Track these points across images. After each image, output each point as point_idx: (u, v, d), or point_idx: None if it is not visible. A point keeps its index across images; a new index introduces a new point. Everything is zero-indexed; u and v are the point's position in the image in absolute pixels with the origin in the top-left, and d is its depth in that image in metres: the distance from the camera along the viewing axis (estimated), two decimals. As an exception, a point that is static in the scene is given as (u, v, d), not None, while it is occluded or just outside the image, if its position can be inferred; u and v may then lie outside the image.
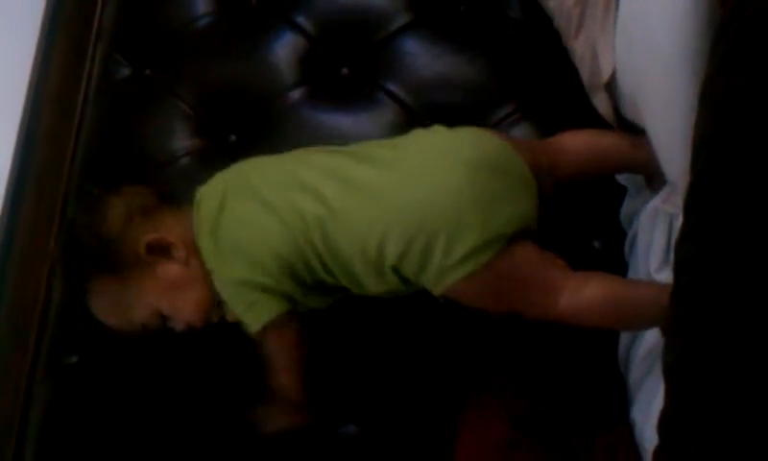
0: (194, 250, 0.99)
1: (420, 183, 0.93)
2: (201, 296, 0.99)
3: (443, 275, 0.91)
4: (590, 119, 1.08)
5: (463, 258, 0.90)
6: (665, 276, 0.95)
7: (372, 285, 0.96)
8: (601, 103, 1.07)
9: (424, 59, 1.20)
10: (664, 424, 0.70)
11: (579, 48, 1.09)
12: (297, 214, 0.94)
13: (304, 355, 0.99)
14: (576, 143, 1.03)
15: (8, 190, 1.26)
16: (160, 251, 0.99)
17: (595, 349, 1.04)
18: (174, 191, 1.08)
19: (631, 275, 1.06)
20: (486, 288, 0.92)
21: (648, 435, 0.94)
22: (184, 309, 1.00)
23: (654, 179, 1.02)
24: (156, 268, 0.99)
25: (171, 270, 0.99)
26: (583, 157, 1.03)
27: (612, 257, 1.09)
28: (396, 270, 0.93)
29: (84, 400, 1.10)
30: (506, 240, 0.91)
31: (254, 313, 0.96)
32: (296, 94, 1.20)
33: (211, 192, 1.00)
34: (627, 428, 0.98)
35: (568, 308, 0.92)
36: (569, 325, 0.93)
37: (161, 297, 0.99)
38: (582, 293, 0.92)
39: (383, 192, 0.93)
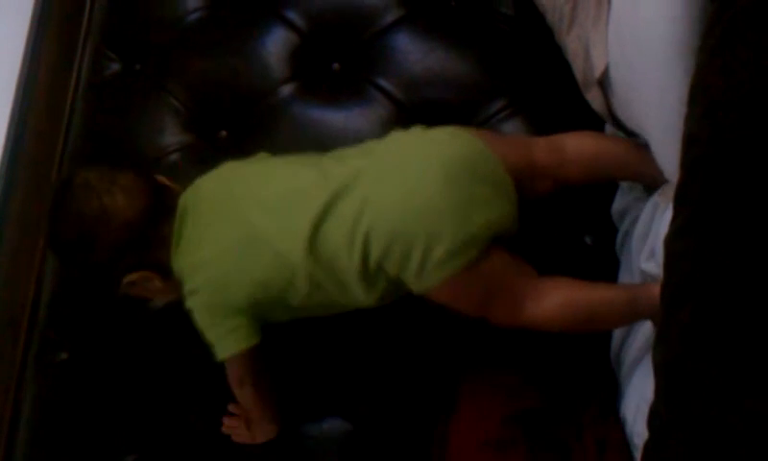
0: (169, 271, 0.99)
1: (397, 188, 0.93)
2: (168, 298, 1.03)
3: (421, 278, 0.92)
4: (582, 114, 1.08)
5: (441, 261, 0.91)
6: (651, 266, 0.95)
7: (362, 293, 0.95)
8: (595, 99, 1.07)
9: (416, 54, 1.20)
10: (654, 418, 0.70)
11: (571, 44, 1.09)
12: (288, 234, 0.94)
13: (266, 375, 1.01)
14: (582, 150, 1.03)
15: (-3, 186, 1.26)
16: (138, 282, 1.00)
17: (585, 344, 1.04)
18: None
19: (622, 271, 1.06)
20: (460, 291, 0.93)
21: (638, 430, 0.94)
22: (156, 299, 1.06)
23: (655, 183, 1.02)
24: (130, 288, 1.00)
25: (144, 289, 1.01)
26: (588, 165, 1.02)
27: (604, 253, 1.09)
28: (380, 269, 0.93)
29: (74, 397, 1.09)
30: (482, 245, 0.92)
31: (222, 344, 0.98)
32: (286, 90, 1.20)
33: (194, 208, 0.99)
34: (617, 424, 0.98)
35: (533, 315, 0.94)
36: (537, 330, 0.95)
37: (135, 294, 1.02)
38: (544, 302, 0.93)
39: (361, 196, 0.93)
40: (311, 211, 0.93)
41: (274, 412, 1.03)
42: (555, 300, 0.94)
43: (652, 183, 1.00)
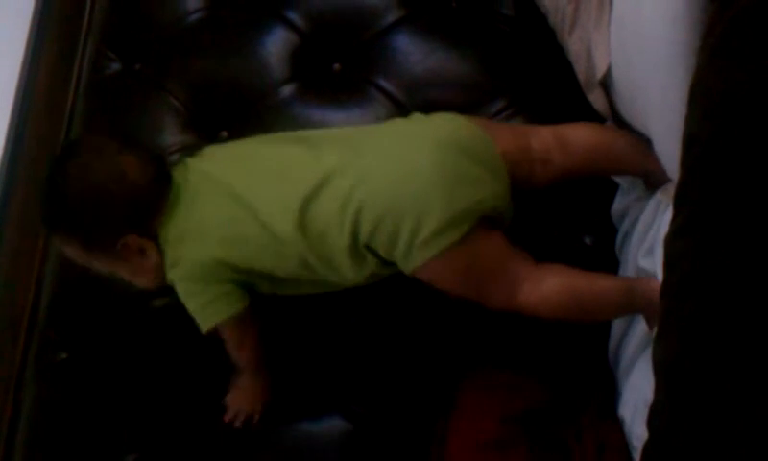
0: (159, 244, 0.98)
1: (387, 165, 0.94)
2: (158, 277, 1.00)
3: (411, 254, 0.93)
4: (583, 115, 1.09)
5: (428, 239, 0.92)
6: (648, 263, 0.95)
7: (350, 271, 0.96)
8: (597, 99, 1.07)
9: (416, 55, 1.20)
10: (654, 418, 0.70)
11: (573, 45, 1.09)
12: (277, 208, 0.95)
13: (257, 342, 1.00)
14: (585, 139, 1.03)
15: (-2, 186, 1.26)
16: (133, 248, 0.98)
17: (584, 344, 1.04)
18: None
19: (621, 272, 1.06)
20: (452, 270, 0.94)
21: (636, 431, 0.94)
22: (140, 282, 1.01)
23: (656, 182, 1.02)
24: (123, 257, 0.98)
25: (135, 262, 0.98)
26: (589, 156, 1.03)
27: (603, 254, 1.09)
28: (369, 248, 0.94)
29: (74, 396, 1.09)
30: (472, 222, 0.93)
31: (204, 313, 0.97)
32: (287, 90, 1.20)
33: (183, 183, 0.99)
34: (616, 424, 0.98)
35: (528, 299, 0.94)
36: (531, 316, 0.95)
37: (121, 271, 1.00)
38: (541, 285, 0.94)
39: (354, 174, 0.94)
40: (303, 187, 0.94)
41: (265, 379, 1.02)
42: (552, 284, 0.94)
43: (654, 181, 1.00)
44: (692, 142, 0.71)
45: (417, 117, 1.02)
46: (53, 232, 1.03)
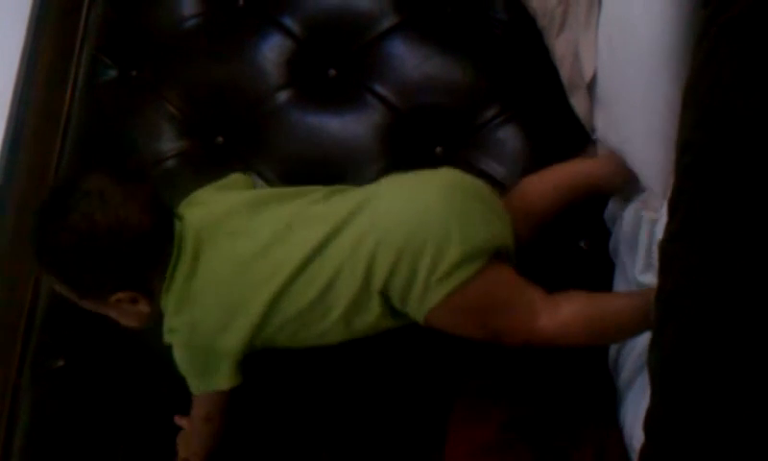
0: (157, 297, 0.97)
1: (402, 206, 0.94)
2: (145, 323, 0.99)
3: (428, 292, 0.91)
4: (576, 119, 1.09)
5: (447, 273, 0.90)
6: (649, 278, 0.95)
7: (356, 321, 0.95)
8: (579, 103, 1.07)
9: (411, 60, 1.21)
10: (650, 423, 0.70)
11: (560, 48, 1.10)
12: (278, 266, 0.94)
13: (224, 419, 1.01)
14: (543, 188, 1.04)
15: (-7, 192, 1.27)
16: (125, 300, 0.96)
17: (584, 350, 1.04)
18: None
19: (617, 275, 1.06)
20: (469, 308, 0.93)
21: (637, 436, 0.94)
22: (126, 323, 1.00)
23: (628, 193, 1.02)
24: (113, 305, 0.97)
25: (125, 310, 0.97)
26: (553, 199, 1.04)
27: (598, 257, 1.09)
28: (382, 294, 0.93)
29: (70, 404, 1.09)
30: (487, 257, 0.92)
31: (199, 381, 0.97)
32: (283, 96, 1.20)
33: (184, 239, 0.96)
34: (616, 429, 0.98)
35: (549, 327, 0.92)
36: (553, 346, 0.94)
37: (108, 314, 0.99)
38: (558, 312, 0.92)
39: (368, 220, 0.93)
40: (311, 239, 0.93)
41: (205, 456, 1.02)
42: (570, 309, 0.92)
43: (628, 194, 1.01)
44: (686, 148, 0.72)
45: (418, 171, 1.00)
46: (43, 270, 1.00)
